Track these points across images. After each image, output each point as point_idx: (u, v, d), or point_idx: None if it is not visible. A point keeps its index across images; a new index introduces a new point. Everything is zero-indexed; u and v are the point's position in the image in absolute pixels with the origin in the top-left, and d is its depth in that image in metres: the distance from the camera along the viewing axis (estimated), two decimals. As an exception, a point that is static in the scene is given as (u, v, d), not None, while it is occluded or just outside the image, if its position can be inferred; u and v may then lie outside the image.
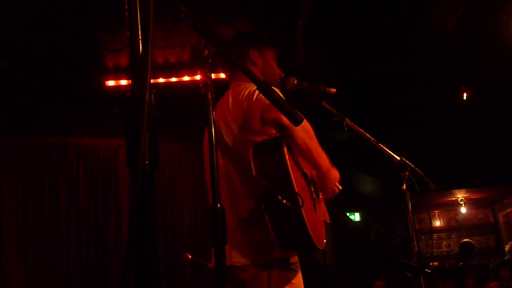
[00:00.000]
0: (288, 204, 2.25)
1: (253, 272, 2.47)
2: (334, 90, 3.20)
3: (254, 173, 2.35)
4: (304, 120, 2.42)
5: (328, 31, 5.90)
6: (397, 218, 10.57)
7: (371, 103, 7.12)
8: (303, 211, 2.27)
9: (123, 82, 6.52)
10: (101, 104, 6.90)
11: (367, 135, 3.28)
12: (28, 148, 6.78)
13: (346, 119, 3.25)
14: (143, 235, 0.95)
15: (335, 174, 2.73)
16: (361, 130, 3.28)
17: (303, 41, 5.86)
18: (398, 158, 3.25)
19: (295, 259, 2.58)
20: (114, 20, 5.30)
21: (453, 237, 11.39)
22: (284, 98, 2.39)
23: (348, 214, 10.57)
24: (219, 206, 1.75)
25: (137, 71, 0.99)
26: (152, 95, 0.99)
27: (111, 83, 6.53)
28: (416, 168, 3.24)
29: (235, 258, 2.51)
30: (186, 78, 6.49)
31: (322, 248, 2.52)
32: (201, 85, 1.82)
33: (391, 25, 5.84)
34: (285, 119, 2.26)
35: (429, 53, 6.40)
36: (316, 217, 2.59)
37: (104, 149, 7.12)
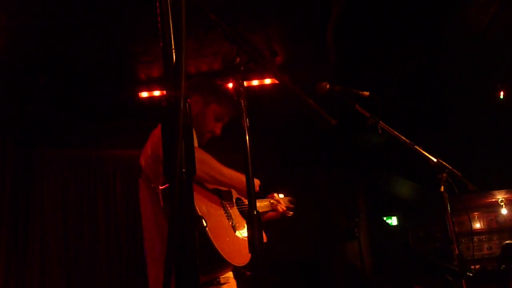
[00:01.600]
0: None
1: None
2: (367, 93, 3.18)
3: (161, 203, 2.46)
4: (198, 150, 2.51)
5: (359, 33, 5.86)
6: (436, 221, 10.38)
7: (405, 105, 7.03)
8: (209, 232, 2.36)
9: (156, 93, 6.59)
10: (135, 116, 6.99)
11: (402, 137, 3.24)
12: (66, 161, 6.91)
13: (380, 122, 3.21)
14: (182, 244, 0.95)
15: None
16: (396, 132, 3.24)
17: (335, 45, 5.84)
18: (435, 160, 3.20)
19: (224, 279, 2.71)
20: (145, 32, 5.38)
21: (494, 239, 11.12)
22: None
23: (385, 218, 10.44)
24: (255, 213, 1.76)
25: (171, 80, 0.99)
26: (187, 104, 1.00)
27: (144, 94, 6.60)
28: (454, 169, 3.18)
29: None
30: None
31: (242, 265, 2.62)
32: (233, 92, 1.83)
33: (424, 24, 5.77)
34: None
35: (464, 52, 6.29)
36: (234, 236, 2.69)
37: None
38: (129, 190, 7.07)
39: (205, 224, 2.36)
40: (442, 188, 3.14)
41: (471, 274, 7.51)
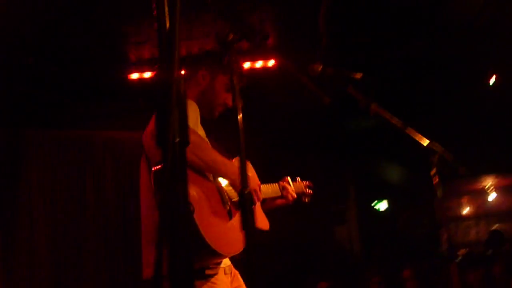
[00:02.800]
0: None
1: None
2: (360, 75, 3.15)
3: (152, 185, 2.44)
4: (194, 133, 2.47)
5: (352, 17, 5.82)
6: (424, 206, 10.45)
7: (397, 88, 7.02)
8: (196, 218, 2.31)
9: (147, 75, 6.53)
10: (125, 97, 6.93)
11: (395, 119, 3.22)
12: (54, 142, 6.84)
13: (373, 104, 3.19)
14: (175, 216, 0.92)
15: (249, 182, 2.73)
16: (388, 114, 3.22)
17: (327, 27, 5.80)
18: (427, 143, 3.19)
19: (214, 270, 2.59)
20: (136, 11, 5.31)
21: (482, 224, 11.21)
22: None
23: (374, 202, 10.48)
24: (247, 192, 1.75)
25: (164, 46, 0.96)
26: (181, 75, 0.97)
27: (134, 76, 6.54)
28: (446, 152, 3.17)
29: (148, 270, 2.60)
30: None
31: (232, 254, 2.57)
32: (227, 69, 1.81)
33: (416, 8, 5.74)
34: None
35: (456, 37, 6.27)
36: (227, 223, 2.63)
37: (129, 142, 7.15)
38: (119, 172, 7.03)
39: (192, 210, 2.30)
40: (433, 171, 3.13)
41: (459, 259, 7.58)
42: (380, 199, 10.47)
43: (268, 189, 3.25)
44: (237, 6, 5.41)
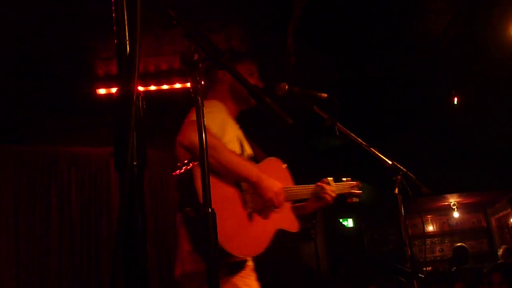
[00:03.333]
0: (193, 214, 2.42)
1: (200, 281, 2.52)
2: (325, 95, 3.21)
3: (175, 188, 2.54)
4: (211, 137, 2.52)
5: (319, 37, 5.90)
6: (391, 224, 10.58)
7: (363, 108, 7.12)
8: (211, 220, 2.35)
9: (114, 90, 6.48)
10: (92, 113, 6.87)
11: (359, 139, 3.28)
12: (19, 157, 6.73)
13: (338, 123, 3.24)
14: (132, 237, 0.93)
15: (270, 184, 2.75)
16: (352, 134, 3.28)
17: (295, 47, 5.87)
18: (390, 163, 3.25)
19: (228, 271, 2.63)
20: (104, 28, 5.29)
21: (446, 241, 11.41)
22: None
23: (341, 220, 10.56)
24: (210, 210, 1.75)
25: (125, 72, 0.97)
26: (140, 98, 0.98)
27: (102, 91, 6.50)
28: (408, 172, 3.23)
29: (180, 268, 2.63)
30: (177, 86, 6.47)
31: (242, 256, 2.60)
32: (191, 89, 1.81)
33: (382, 30, 5.86)
34: (185, 141, 2.50)
35: (420, 58, 6.41)
36: (245, 225, 2.64)
37: (95, 158, 7.08)
38: (84, 187, 6.95)
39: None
40: (396, 190, 3.19)
41: (422, 276, 7.66)
42: (347, 217, 10.56)
43: (301, 191, 3.29)
44: (206, 24, 5.46)
